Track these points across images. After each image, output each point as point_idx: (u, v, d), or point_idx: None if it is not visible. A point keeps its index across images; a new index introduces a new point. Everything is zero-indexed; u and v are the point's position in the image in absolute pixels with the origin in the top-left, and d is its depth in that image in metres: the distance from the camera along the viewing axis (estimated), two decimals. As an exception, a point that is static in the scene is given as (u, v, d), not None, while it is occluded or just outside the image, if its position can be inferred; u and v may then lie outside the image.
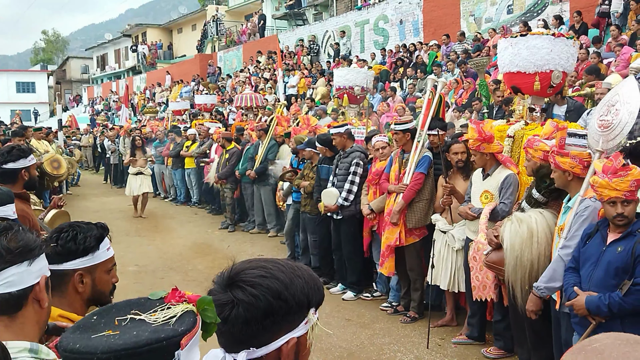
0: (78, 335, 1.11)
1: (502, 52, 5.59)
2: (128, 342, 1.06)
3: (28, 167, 3.88)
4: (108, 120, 27.65)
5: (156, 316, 1.15)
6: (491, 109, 9.76)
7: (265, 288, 1.22)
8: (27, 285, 1.49)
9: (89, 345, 1.06)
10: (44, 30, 76.99)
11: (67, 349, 1.08)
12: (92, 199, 15.39)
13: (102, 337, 1.09)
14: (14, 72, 56.59)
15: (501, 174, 4.93)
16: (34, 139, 11.91)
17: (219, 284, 1.25)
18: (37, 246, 1.52)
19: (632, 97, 3.71)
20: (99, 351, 1.04)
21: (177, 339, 1.09)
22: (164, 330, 1.10)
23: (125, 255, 8.37)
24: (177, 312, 1.16)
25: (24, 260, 1.48)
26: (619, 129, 3.68)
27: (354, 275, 6.80)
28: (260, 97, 15.18)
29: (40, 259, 1.53)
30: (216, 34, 32.77)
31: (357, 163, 6.69)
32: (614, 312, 3.19)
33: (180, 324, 1.12)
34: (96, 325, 1.15)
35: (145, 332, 1.09)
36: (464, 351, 5.20)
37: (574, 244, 3.63)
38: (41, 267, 1.54)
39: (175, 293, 1.21)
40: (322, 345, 5.33)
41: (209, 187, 11.99)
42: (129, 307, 1.20)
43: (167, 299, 1.20)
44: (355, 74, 10.49)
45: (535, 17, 14.81)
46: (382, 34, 20.17)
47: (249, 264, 1.28)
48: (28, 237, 1.52)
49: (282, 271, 1.26)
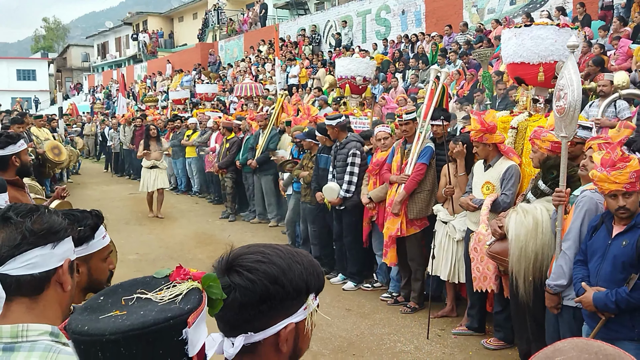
0: (86, 317, 1.12)
1: (506, 43, 5.55)
2: (135, 322, 1.06)
3: (18, 152, 3.84)
4: (108, 109, 27.60)
5: (162, 294, 1.15)
6: (494, 100, 9.74)
7: (262, 273, 1.22)
8: (50, 268, 1.49)
9: (97, 327, 1.07)
10: (45, 18, 76.70)
11: (76, 330, 1.09)
12: (92, 187, 15.39)
13: (110, 317, 1.10)
14: (14, 59, 56.36)
15: (503, 165, 4.92)
16: (34, 127, 11.91)
17: (218, 269, 1.25)
18: (62, 229, 1.52)
19: (573, 78, 3.75)
20: (107, 332, 1.05)
21: (183, 317, 1.09)
22: (171, 309, 1.10)
23: (126, 244, 8.38)
24: (183, 290, 1.16)
25: (48, 242, 1.47)
26: (571, 111, 3.72)
27: (355, 265, 6.81)
28: (260, 87, 15.13)
29: (65, 242, 1.53)
30: (217, 23, 32.64)
31: (354, 153, 6.67)
32: (622, 308, 3.17)
33: (187, 302, 1.13)
34: (103, 305, 1.15)
35: (152, 311, 1.10)
36: (464, 342, 5.21)
37: (573, 235, 3.63)
38: (65, 250, 1.53)
39: (180, 271, 1.21)
40: (322, 335, 5.35)
41: (211, 177, 11.97)
42: (135, 286, 1.20)
43: (172, 277, 1.20)
44: (357, 64, 10.45)
45: (538, 8, 14.73)
46: (384, 24, 20.08)
47: (247, 249, 1.28)
48: (53, 219, 1.51)
49: (280, 256, 1.27)
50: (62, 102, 20.78)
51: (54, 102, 41.99)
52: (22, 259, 1.44)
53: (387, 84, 14.10)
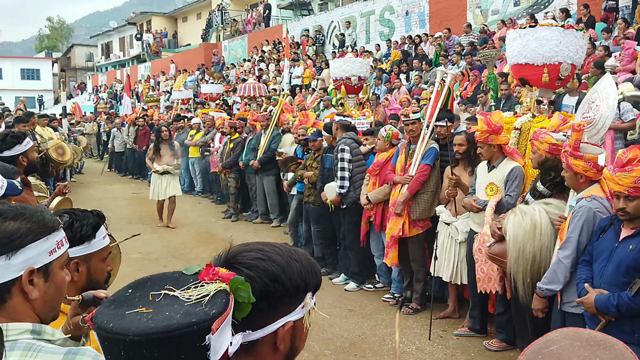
0: (112, 311, 1.12)
1: (511, 44, 5.55)
2: (159, 325, 1.06)
3: (25, 151, 3.85)
4: (112, 108, 27.65)
5: (190, 293, 1.14)
6: (498, 101, 9.73)
7: (261, 270, 1.22)
8: (4, 280, 1.37)
9: (122, 326, 1.07)
10: (49, 17, 76.86)
11: (101, 326, 1.09)
12: (95, 186, 15.42)
13: (136, 315, 1.10)
14: (18, 58, 56.52)
15: (507, 166, 4.91)
16: (38, 126, 11.93)
17: (216, 266, 1.24)
18: (18, 236, 1.38)
19: (610, 93, 3.76)
20: (131, 333, 1.05)
21: (208, 323, 1.08)
22: (196, 314, 1.09)
23: (129, 243, 8.27)
24: (211, 291, 1.15)
25: (1, 253, 1.36)
26: (600, 123, 3.74)
27: (357, 266, 6.81)
28: (264, 87, 15.15)
29: (26, 250, 1.39)
30: (221, 23, 32.69)
31: (342, 149, 6.69)
32: (622, 312, 3.15)
33: (213, 306, 1.11)
34: (131, 299, 1.15)
35: (178, 313, 1.09)
36: (466, 343, 5.21)
37: (571, 245, 3.60)
38: (28, 258, 1.40)
39: (209, 270, 1.20)
40: (324, 335, 5.35)
41: (214, 177, 11.98)
42: (164, 281, 1.20)
43: (201, 276, 1.19)
44: (351, 64, 10.49)
45: (542, 9, 14.73)
46: (388, 25, 20.08)
47: (246, 247, 1.28)
48: (8, 227, 1.38)
49: (279, 254, 1.26)
50: (66, 102, 20.83)
51: (57, 101, 42.08)
52: None
53: (391, 84, 14.10)
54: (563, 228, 3.76)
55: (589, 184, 3.69)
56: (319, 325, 5.46)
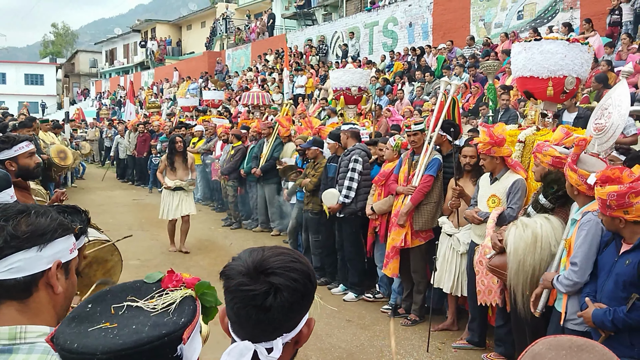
0: (74, 329, 1.06)
1: (516, 57, 5.54)
2: (128, 340, 1.01)
3: (14, 157, 3.75)
4: (114, 115, 27.71)
5: (154, 303, 1.10)
6: (496, 113, 9.74)
7: (300, 272, 1.25)
8: (35, 272, 1.42)
9: (87, 345, 1.02)
10: (54, 23, 77.38)
11: (65, 347, 1.03)
12: (96, 192, 15.41)
13: (100, 331, 1.04)
14: (23, 64, 56.75)
15: (509, 179, 4.89)
16: (40, 131, 11.95)
17: (247, 276, 1.22)
18: (49, 231, 1.45)
19: (623, 100, 3.74)
20: (99, 351, 1.00)
21: (178, 333, 1.05)
22: (165, 325, 1.05)
23: (128, 249, 8.30)
24: (176, 299, 1.12)
25: (33, 245, 1.41)
26: (612, 131, 3.71)
27: (355, 276, 6.78)
28: (268, 96, 15.19)
29: (55, 244, 1.45)
30: (225, 32, 32.82)
31: (356, 159, 6.67)
32: (619, 327, 3.14)
33: (181, 314, 1.08)
34: (92, 315, 1.10)
35: (145, 326, 1.04)
36: (464, 356, 5.17)
37: (579, 260, 3.55)
38: (56, 251, 1.46)
39: (172, 277, 1.17)
40: (322, 345, 5.32)
41: (215, 184, 11.99)
42: (125, 292, 1.15)
43: (164, 284, 1.16)
44: (351, 75, 10.50)
45: (545, 23, 14.78)
46: (391, 36, 20.15)
47: (267, 253, 1.27)
48: (39, 221, 1.45)
49: (299, 256, 1.31)
50: (69, 107, 20.86)
51: (60, 106, 42.23)
52: (4, 264, 1.39)
53: (393, 96, 14.13)
54: (570, 242, 3.73)
55: (585, 198, 3.68)
56: (316, 336, 5.42)
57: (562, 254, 3.84)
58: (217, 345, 3.73)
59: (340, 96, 10.48)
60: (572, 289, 3.61)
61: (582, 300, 3.45)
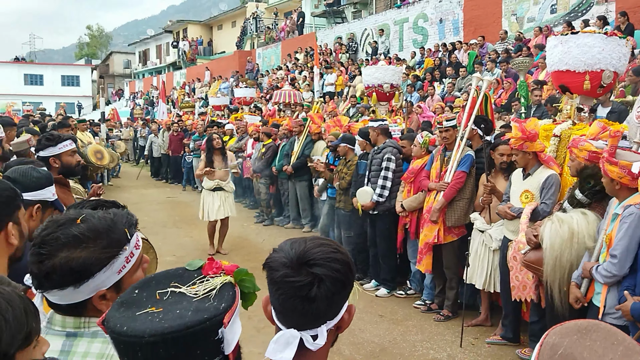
0: (123, 314, 1.13)
1: (551, 50, 5.47)
2: (173, 324, 1.07)
3: (59, 154, 3.91)
4: (147, 114, 28.17)
5: (196, 289, 1.16)
6: (529, 109, 9.61)
7: (341, 262, 1.29)
8: (76, 301, 1.45)
9: (136, 328, 1.08)
10: (89, 26, 78.92)
11: (115, 330, 1.10)
12: (131, 190, 15.73)
13: (147, 315, 1.11)
14: (60, 65, 58.05)
15: (542, 174, 4.85)
16: (78, 131, 12.26)
17: (290, 267, 1.26)
18: (86, 268, 1.42)
19: None
20: (147, 334, 1.07)
21: (219, 317, 1.10)
22: (207, 310, 1.11)
23: (163, 246, 8.53)
24: (216, 285, 1.17)
25: (68, 285, 1.43)
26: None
27: (388, 272, 6.81)
28: (298, 94, 15.28)
29: (93, 279, 1.43)
30: (255, 31, 33.06)
31: (389, 158, 6.69)
32: None
33: (221, 299, 1.14)
34: (139, 300, 1.16)
35: (188, 310, 1.10)
36: (498, 351, 5.15)
37: (619, 253, 3.50)
38: (96, 284, 1.45)
39: (212, 264, 1.22)
40: (355, 340, 5.36)
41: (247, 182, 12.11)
42: (168, 278, 1.22)
43: (205, 271, 1.22)
44: (383, 72, 10.49)
45: (579, 17, 14.49)
46: (422, 33, 20.03)
47: (307, 245, 1.31)
48: (73, 261, 1.41)
49: (339, 246, 1.34)
50: (104, 108, 21.30)
51: (96, 107, 43.11)
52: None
53: (424, 92, 14.06)
54: (611, 236, 3.70)
55: (627, 192, 3.63)
56: (349, 330, 5.46)
57: (602, 249, 3.80)
58: (250, 339, 3.84)
59: (373, 93, 10.49)
60: (610, 280, 3.58)
61: (620, 294, 3.42)
